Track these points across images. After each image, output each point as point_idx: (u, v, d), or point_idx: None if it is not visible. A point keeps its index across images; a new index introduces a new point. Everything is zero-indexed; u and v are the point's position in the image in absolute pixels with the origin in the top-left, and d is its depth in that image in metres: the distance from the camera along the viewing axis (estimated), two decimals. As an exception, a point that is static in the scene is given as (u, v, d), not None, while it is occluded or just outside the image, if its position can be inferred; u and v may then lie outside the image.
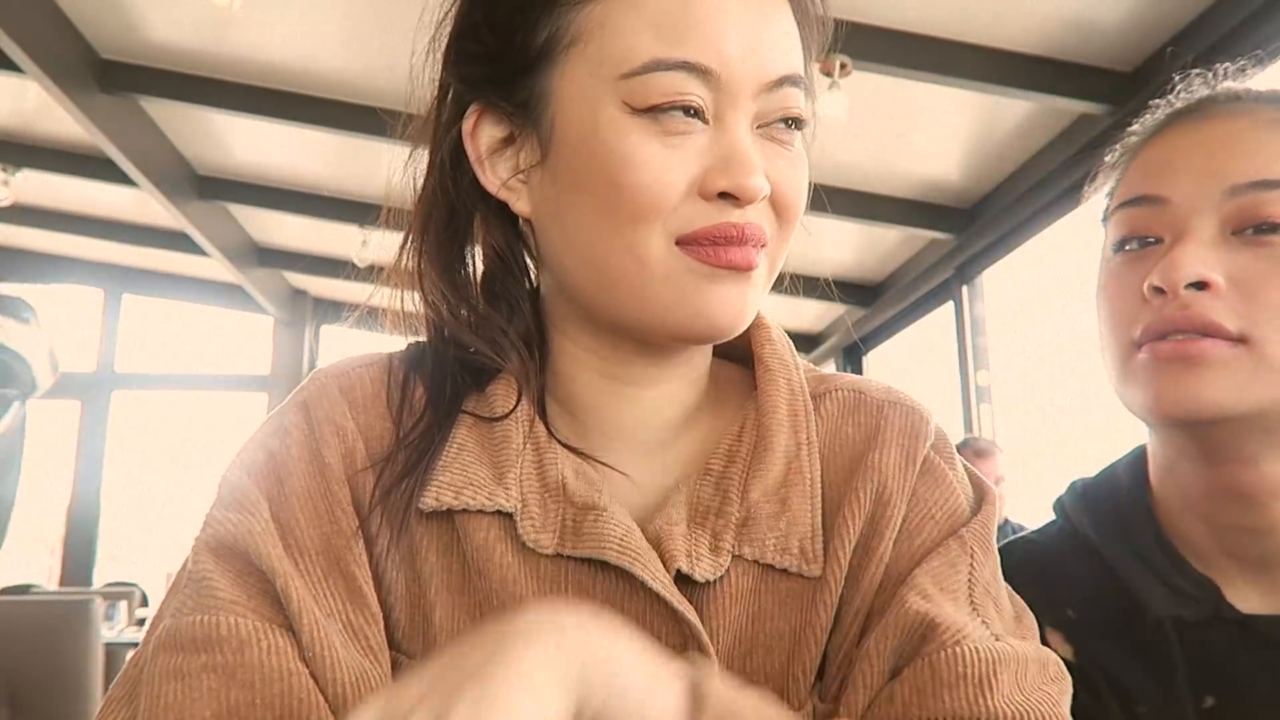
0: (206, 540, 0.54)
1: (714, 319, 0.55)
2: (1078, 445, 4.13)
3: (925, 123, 3.78)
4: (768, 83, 0.56)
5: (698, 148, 0.55)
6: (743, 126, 0.56)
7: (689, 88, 0.54)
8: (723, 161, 0.54)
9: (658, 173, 0.54)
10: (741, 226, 0.55)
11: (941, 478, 0.61)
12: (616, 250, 0.55)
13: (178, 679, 0.49)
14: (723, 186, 0.54)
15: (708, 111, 0.55)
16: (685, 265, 0.55)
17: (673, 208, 0.54)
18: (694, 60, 0.54)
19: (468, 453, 0.57)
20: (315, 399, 0.59)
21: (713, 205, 0.55)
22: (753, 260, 0.55)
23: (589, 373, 0.61)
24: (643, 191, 0.54)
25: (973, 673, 0.52)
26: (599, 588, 0.56)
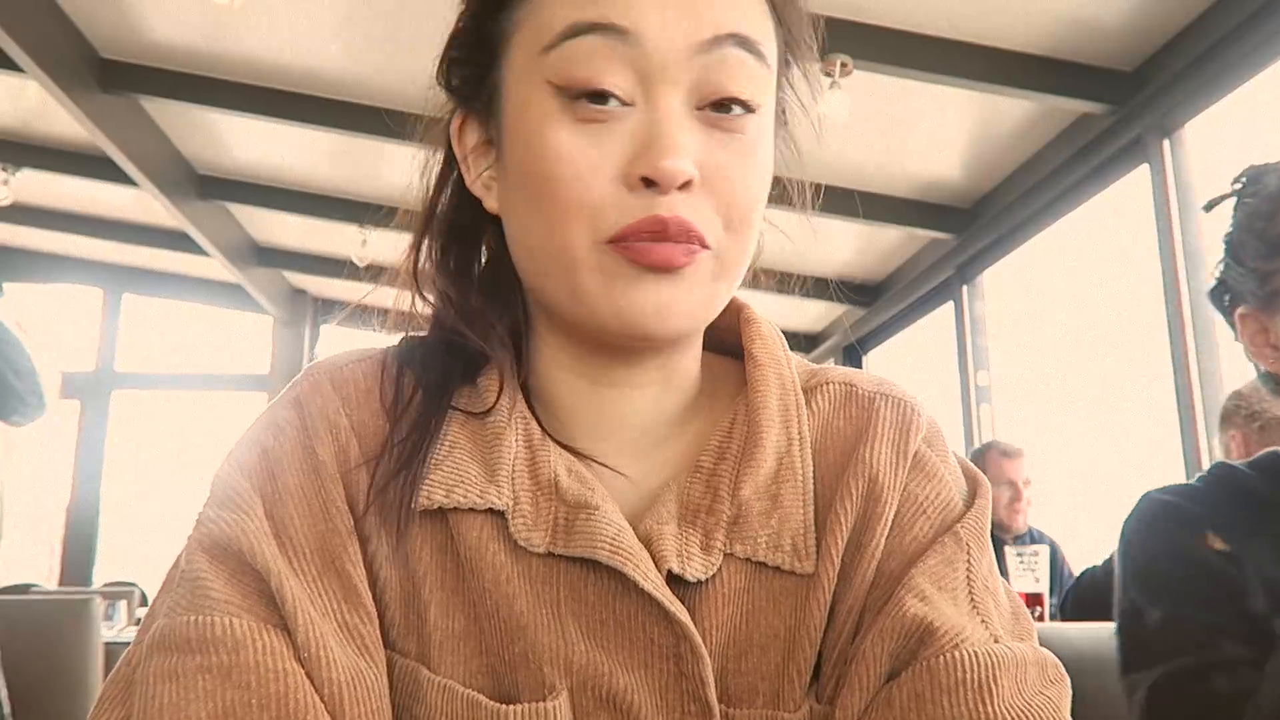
0: (200, 539, 0.54)
1: (638, 321, 0.53)
2: (1078, 445, 4.13)
3: (925, 123, 3.78)
4: (700, 43, 0.52)
5: (622, 134, 0.52)
6: (671, 103, 0.52)
7: (609, 54, 0.51)
8: (645, 144, 0.51)
9: (579, 166, 0.52)
10: (665, 219, 0.51)
11: (933, 472, 0.60)
12: (548, 246, 0.54)
13: (172, 680, 0.49)
14: (641, 171, 0.51)
15: (634, 88, 0.52)
16: (612, 263, 0.52)
17: (597, 204, 0.52)
18: (611, 20, 0.51)
19: (460, 450, 0.57)
20: (309, 395, 0.59)
21: (637, 197, 0.52)
22: (677, 259, 0.52)
23: (566, 372, 0.60)
24: (564, 187, 0.52)
25: (972, 678, 0.51)
26: (591, 587, 0.55)
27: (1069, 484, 4.02)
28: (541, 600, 0.55)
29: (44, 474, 6.95)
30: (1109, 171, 3.50)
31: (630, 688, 0.54)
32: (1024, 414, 4.45)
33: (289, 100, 4.10)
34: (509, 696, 0.54)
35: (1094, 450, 3.99)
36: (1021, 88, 3.27)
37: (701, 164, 0.52)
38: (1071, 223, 3.83)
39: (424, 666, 0.55)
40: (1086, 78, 3.25)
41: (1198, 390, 3.05)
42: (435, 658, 0.55)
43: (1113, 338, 3.97)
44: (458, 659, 0.55)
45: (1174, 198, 3.18)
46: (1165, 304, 3.16)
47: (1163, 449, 3.23)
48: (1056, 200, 3.74)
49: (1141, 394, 3.57)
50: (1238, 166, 1.08)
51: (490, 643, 0.55)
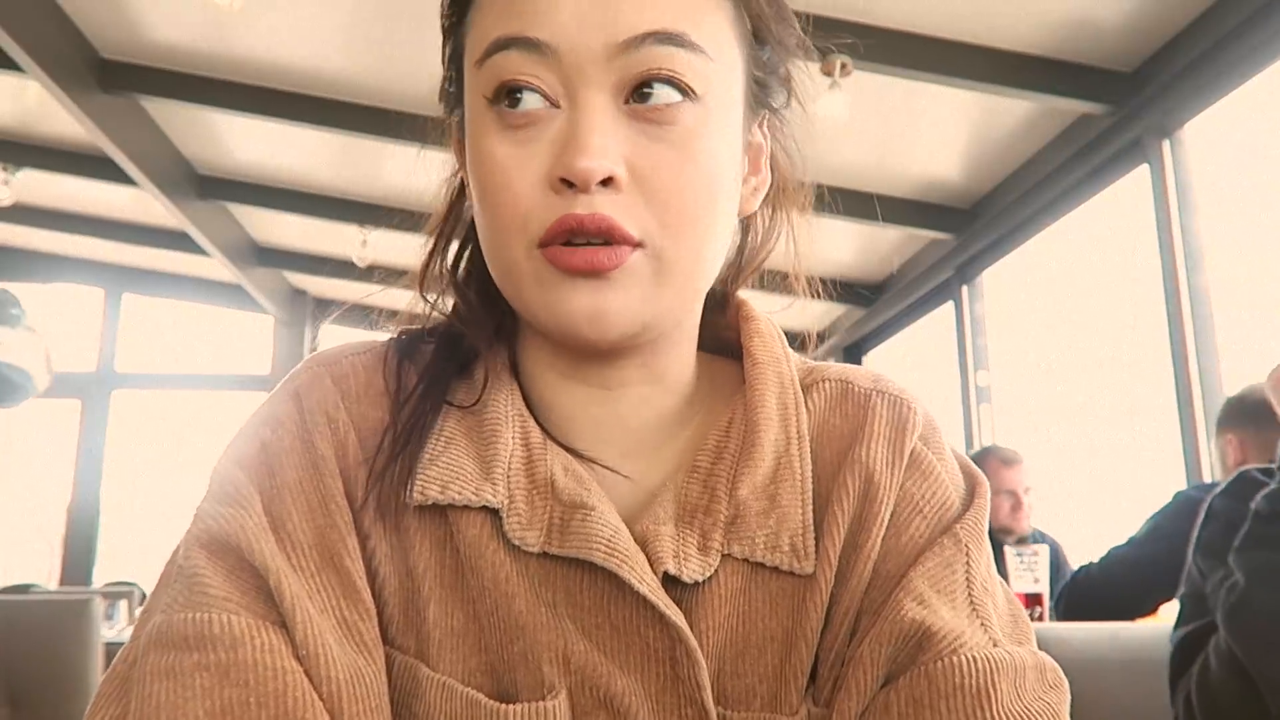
0: (198, 535, 0.54)
1: (574, 327, 0.53)
2: (1077, 445, 4.13)
3: (925, 123, 3.78)
4: (617, 44, 0.51)
5: (548, 139, 0.52)
6: (594, 104, 0.51)
7: (526, 68, 0.51)
8: (563, 146, 0.51)
9: (508, 173, 0.52)
10: (580, 217, 0.50)
11: (930, 471, 0.59)
12: (494, 254, 0.55)
13: (170, 677, 0.49)
14: (558, 172, 0.51)
15: (557, 94, 0.52)
16: (543, 269, 0.52)
17: (525, 210, 0.52)
18: (523, 34, 0.51)
19: (455, 446, 0.56)
20: (308, 388, 0.58)
21: (560, 199, 0.51)
22: (600, 262, 0.51)
23: (549, 372, 0.60)
24: (498, 194, 0.53)
25: (970, 683, 0.51)
26: (586, 589, 0.55)
27: (1069, 484, 4.02)
28: (540, 599, 0.55)
29: (44, 474, 6.95)
30: (1109, 172, 3.50)
31: (627, 689, 0.54)
32: (1024, 414, 4.45)
33: (289, 100, 4.10)
34: (508, 695, 0.54)
35: (1094, 450, 3.99)
36: (1021, 88, 3.27)
37: (631, 161, 0.52)
38: (1071, 223, 3.83)
39: (423, 664, 0.55)
40: (1086, 78, 3.25)
41: (1197, 390, 3.05)
42: (434, 655, 0.55)
43: (1113, 338, 3.96)
44: (457, 656, 0.55)
45: (1174, 198, 3.18)
46: (1165, 304, 3.16)
47: (1163, 449, 3.23)
48: (1056, 200, 3.74)
49: (1141, 394, 3.57)
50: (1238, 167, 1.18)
51: (489, 641, 0.55)
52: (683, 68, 0.52)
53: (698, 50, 0.52)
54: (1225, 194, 3.23)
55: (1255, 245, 3.25)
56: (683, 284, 0.55)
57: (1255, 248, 3.25)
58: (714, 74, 0.53)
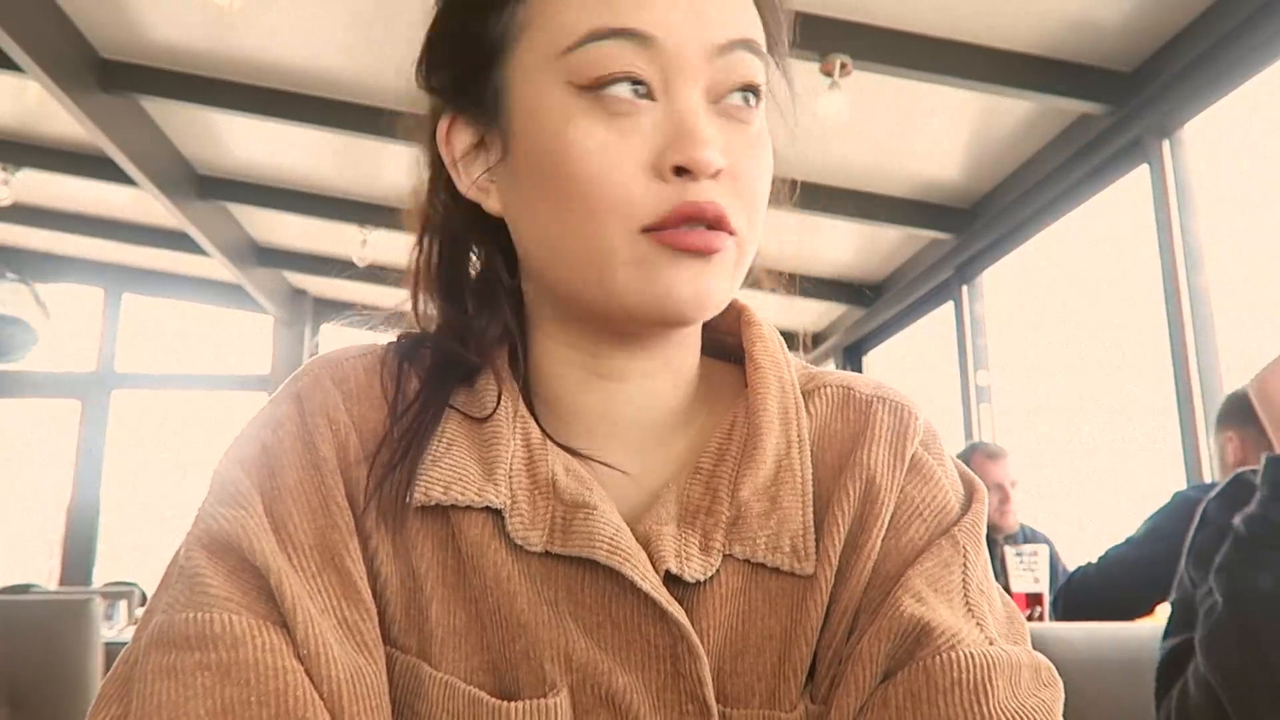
0: (199, 535, 0.54)
1: (678, 303, 0.54)
2: (1078, 445, 4.13)
3: (925, 123, 3.78)
4: (716, 46, 0.54)
5: (647, 127, 0.53)
6: (694, 98, 0.54)
7: (630, 58, 0.53)
8: (673, 136, 0.53)
9: (609, 160, 0.53)
10: (700, 204, 0.53)
11: (930, 475, 0.60)
12: (578, 241, 0.54)
13: (171, 677, 0.49)
14: (674, 161, 0.52)
15: (654, 85, 0.53)
16: (650, 251, 0.53)
17: (630, 196, 0.53)
18: (633, 26, 0.53)
19: (458, 448, 0.57)
20: (308, 390, 0.59)
21: (670, 186, 0.53)
22: (713, 244, 0.53)
23: (572, 369, 0.60)
24: (595, 181, 0.53)
25: (967, 678, 0.51)
26: (588, 587, 0.55)
27: (1069, 484, 4.02)
28: (542, 598, 0.55)
29: (44, 474, 6.95)
30: (1108, 172, 3.50)
31: (629, 687, 0.54)
32: (1024, 414, 4.45)
33: (289, 100, 4.10)
34: (510, 693, 0.54)
35: (1094, 450, 3.99)
36: (1021, 88, 3.27)
37: (728, 157, 0.54)
38: (1071, 223, 3.83)
39: (425, 663, 0.55)
40: (1086, 78, 3.25)
41: (1197, 390, 3.05)
42: (436, 654, 0.55)
43: (1112, 338, 3.97)
44: (459, 655, 0.55)
45: (1173, 198, 3.18)
46: (1165, 304, 3.17)
47: (1162, 448, 3.23)
48: (1056, 200, 3.74)
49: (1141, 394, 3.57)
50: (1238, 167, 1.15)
51: (491, 639, 0.55)
52: (759, 75, 0.56)
53: (765, 59, 0.57)
54: (1225, 194, 3.23)
55: (1255, 245, 3.25)
56: (744, 272, 0.58)
57: (1255, 248, 3.25)
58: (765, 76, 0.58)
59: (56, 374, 7.05)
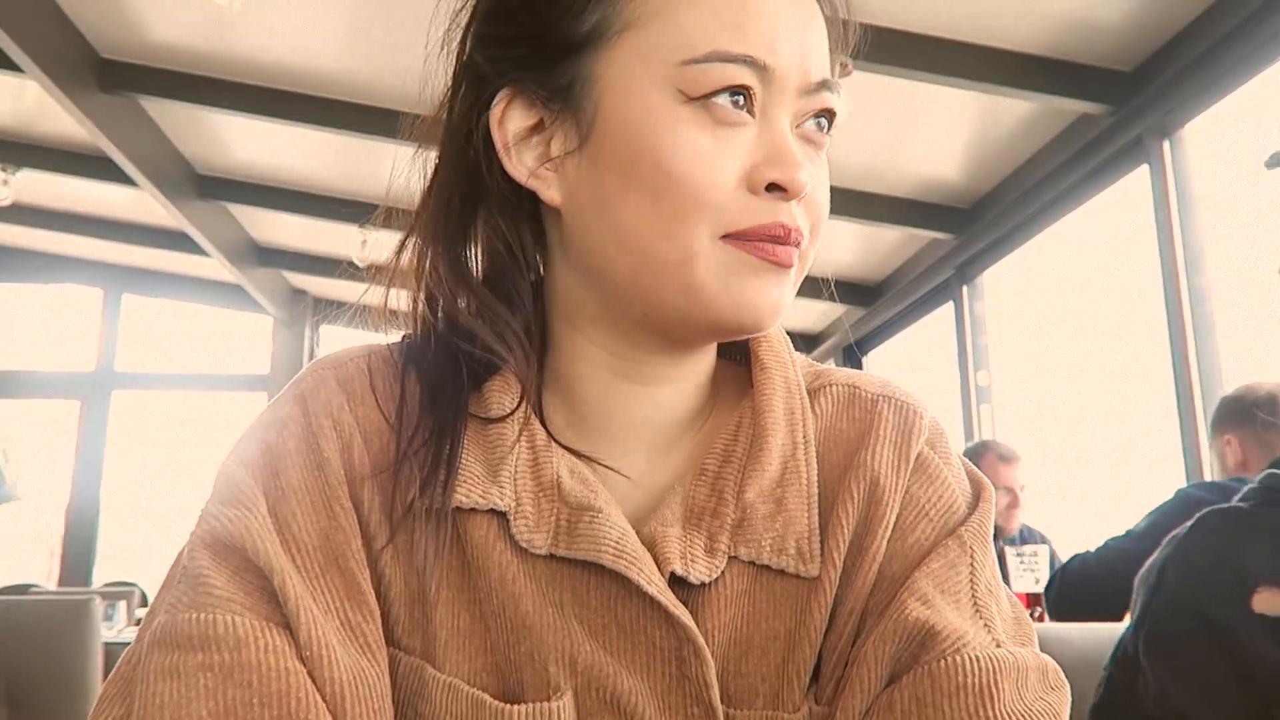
0: (203, 536, 0.54)
1: (758, 312, 0.56)
2: (1077, 445, 4.13)
3: (925, 123, 3.78)
4: (812, 84, 0.57)
5: (746, 141, 0.55)
6: (786, 124, 0.56)
7: (745, 81, 0.55)
8: (771, 155, 0.55)
9: (708, 165, 0.54)
10: (789, 227, 0.55)
11: (936, 475, 0.60)
12: (663, 240, 0.54)
13: (173, 677, 0.49)
14: (772, 178, 0.54)
15: (757, 105, 0.56)
16: (731, 257, 0.55)
17: (721, 203, 0.54)
18: (755, 55, 0.55)
19: (462, 449, 0.57)
20: (312, 391, 0.58)
21: (760, 200, 0.55)
22: (791, 259, 0.56)
23: (599, 370, 0.60)
24: (692, 183, 0.54)
25: (973, 682, 0.51)
26: (593, 590, 0.55)
27: (1069, 484, 4.02)
28: (547, 600, 0.55)
29: (44, 474, 6.95)
30: (1109, 172, 3.50)
31: (634, 690, 0.54)
32: (1023, 414, 4.45)
33: (289, 100, 4.10)
34: (514, 695, 0.54)
35: (1094, 450, 3.99)
36: (1021, 88, 3.27)
37: None
38: (1071, 223, 3.83)
39: (429, 664, 0.55)
40: (1086, 78, 3.25)
41: (1198, 390, 3.05)
42: (440, 656, 0.55)
43: (1113, 338, 3.96)
44: (463, 657, 0.55)
45: (1174, 198, 3.18)
46: (1165, 304, 3.16)
47: (1162, 448, 3.23)
48: (1056, 200, 3.74)
49: (1141, 394, 3.57)
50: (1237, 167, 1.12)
51: (496, 641, 0.55)
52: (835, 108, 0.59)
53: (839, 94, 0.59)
54: (1225, 194, 3.23)
55: (1255, 245, 3.24)
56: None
57: (1255, 248, 3.25)
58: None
59: (56, 374, 7.06)
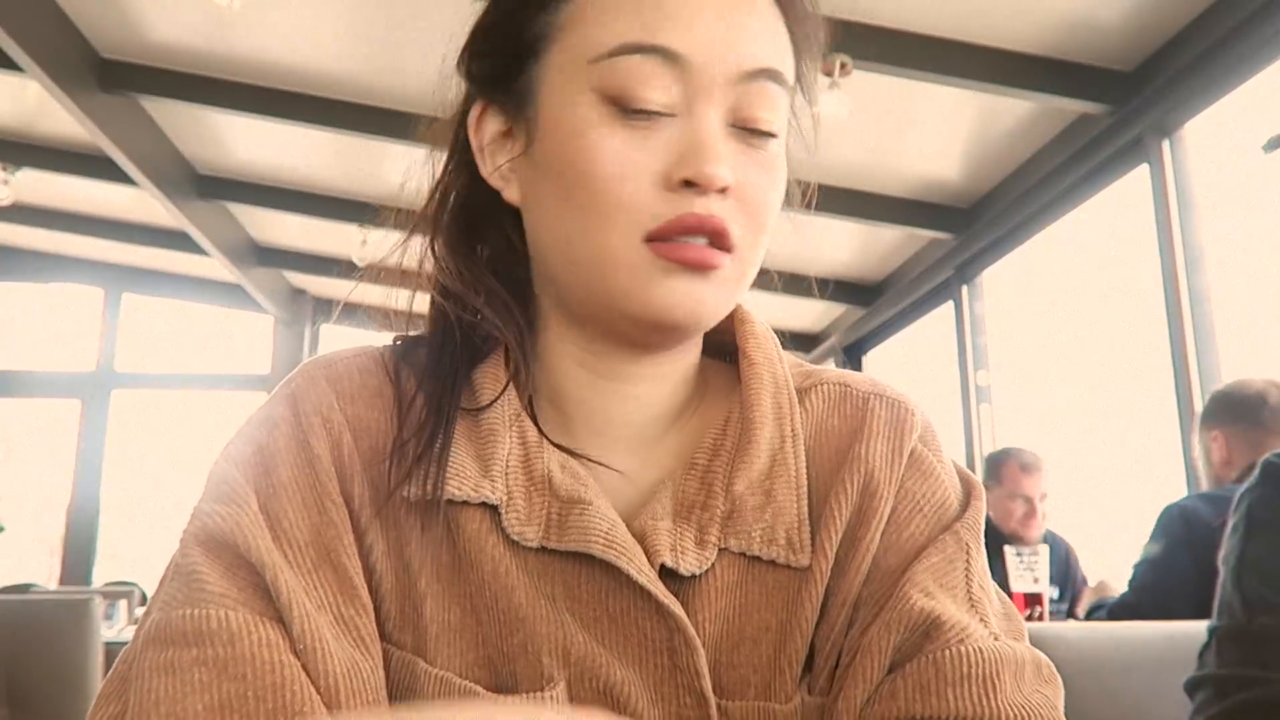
0: (195, 533, 0.54)
1: (670, 314, 0.56)
2: (1078, 445, 4.13)
3: (925, 123, 3.78)
4: (742, 74, 0.55)
5: (664, 140, 0.55)
6: (711, 118, 0.55)
7: (657, 74, 0.54)
8: (687, 150, 0.54)
9: (622, 166, 0.54)
10: (700, 217, 0.54)
11: (929, 470, 0.61)
12: (584, 239, 0.56)
13: (168, 673, 0.49)
14: (684, 174, 0.54)
15: (676, 102, 0.55)
16: (647, 260, 0.55)
17: (638, 203, 0.54)
18: (664, 44, 0.54)
19: (454, 444, 0.58)
20: (303, 391, 0.59)
21: (677, 196, 0.54)
22: (709, 260, 0.55)
23: (575, 367, 0.61)
24: (607, 183, 0.54)
25: (977, 672, 0.52)
26: (585, 582, 0.56)
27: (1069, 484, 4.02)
28: (539, 593, 0.56)
29: (44, 474, 6.95)
30: (1108, 171, 3.50)
31: (626, 680, 0.54)
32: (1023, 414, 4.45)
33: (289, 100, 4.10)
34: (506, 688, 0.55)
35: (1094, 449, 3.99)
36: (1021, 88, 3.27)
37: (733, 175, 0.56)
38: (1071, 223, 3.83)
39: (420, 659, 0.55)
40: (1086, 78, 3.25)
41: (1197, 389, 3.05)
42: (431, 650, 0.55)
43: (1112, 338, 3.97)
44: (454, 651, 0.56)
45: (1173, 197, 3.18)
46: (1165, 303, 3.17)
47: (1162, 448, 3.23)
48: (1056, 200, 3.74)
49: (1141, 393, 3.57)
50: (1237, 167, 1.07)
51: (488, 634, 0.56)
52: (779, 106, 0.57)
53: (787, 89, 0.58)
54: (1225, 194, 3.23)
55: (1255, 245, 3.25)
56: (745, 287, 0.59)
57: (1255, 248, 3.25)
58: (788, 110, 0.59)
59: (56, 374, 7.06)
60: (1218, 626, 1.04)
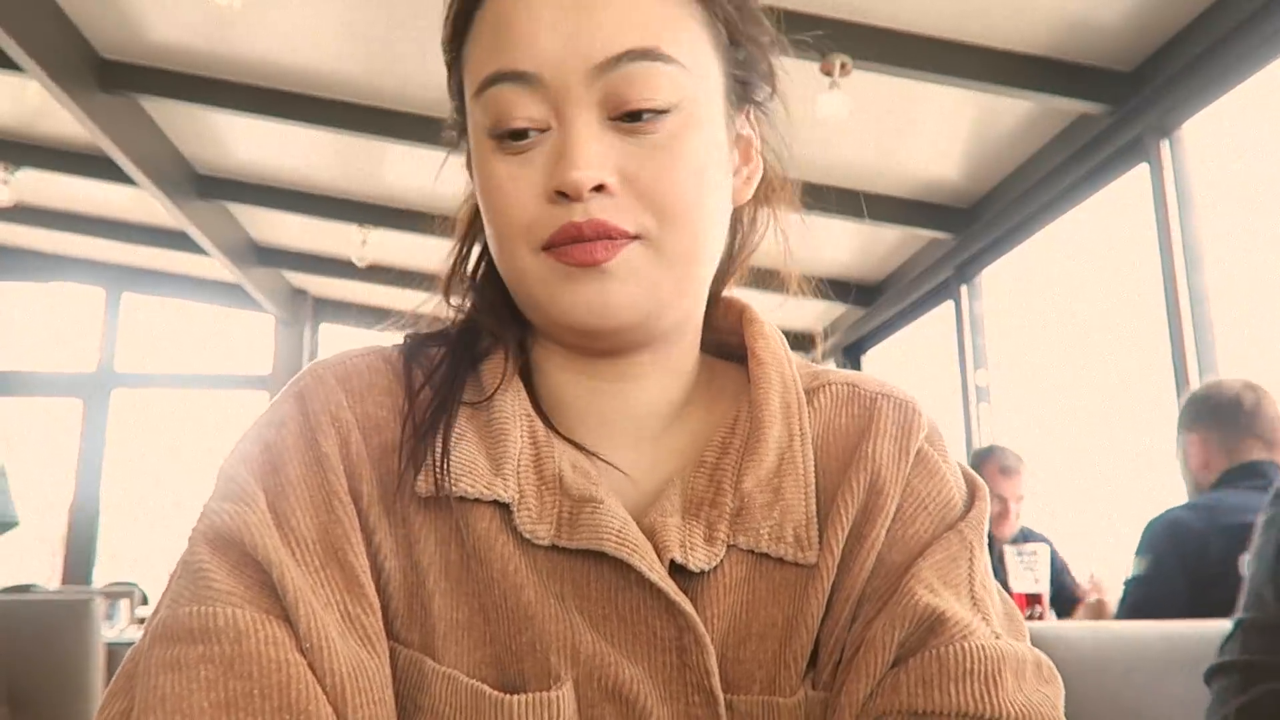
0: (203, 531, 0.55)
1: (579, 318, 0.57)
2: (1077, 445, 4.13)
3: (925, 123, 3.78)
4: (595, 68, 0.55)
5: (542, 157, 0.56)
6: (580, 122, 0.55)
7: (517, 99, 0.56)
8: (558, 162, 0.55)
9: (510, 192, 0.57)
10: (579, 224, 0.55)
11: (935, 469, 0.61)
12: (503, 259, 0.59)
13: (175, 670, 0.49)
14: (553, 186, 0.55)
15: (547, 116, 0.56)
16: (547, 267, 0.57)
17: (528, 220, 0.56)
18: (513, 68, 0.56)
19: (466, 441, 0.58)
20: (311, 390, 0.60)
21: (560, 207, 0.56)
22: (595, 256, 0.55)
23: (565, 371, 0.63)
24: (503, 211, 0.57)
25: (979, 669, 0.53)
26: (595, 581, 0.56)
27: (1068, 484, 4.02)
28: (549, 591, 0.56)
29: (44, 474, 6.95)
30: (1108, 171, 3.50)
31: (635, 678, 0.55)
32: (1023, 414, 4.45)
33: (289, 100, 4.10)
34: (514, 686, 0.55)
35: (1093, 449, 3.99)
36: (1021, 88, 3.27)
37: (621, 167, 0.56)
38: (1071, 223, 3.83)
39: (428, 657, 0.56)
40: (1086, 78, 3.25)
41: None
42: (439, 648, 0.56)
43: (1112, 338, 3.97)
44: (462, 649, 0.56)
45: (1173, 197, 3.19)
46: (1165, 303, 3.17)
47: (1162, 448, 3.23)
48: (1055, 200, 3.74)
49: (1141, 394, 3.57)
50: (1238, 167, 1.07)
51: (496, 632, 0.56)
52: (658, 83, 0.56)
53: (672, 61, 0.56)
54: (1225, 194, 3.23)
55: (1255, 245, 3.25)
56: (683, 271, 0.58)
57: (1255, 248, 3.25)
58: (689, 80, 0.57)
59: (56, 374, 7.06)
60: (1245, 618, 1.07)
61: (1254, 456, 2.06)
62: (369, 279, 5.43)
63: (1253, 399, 2.11)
